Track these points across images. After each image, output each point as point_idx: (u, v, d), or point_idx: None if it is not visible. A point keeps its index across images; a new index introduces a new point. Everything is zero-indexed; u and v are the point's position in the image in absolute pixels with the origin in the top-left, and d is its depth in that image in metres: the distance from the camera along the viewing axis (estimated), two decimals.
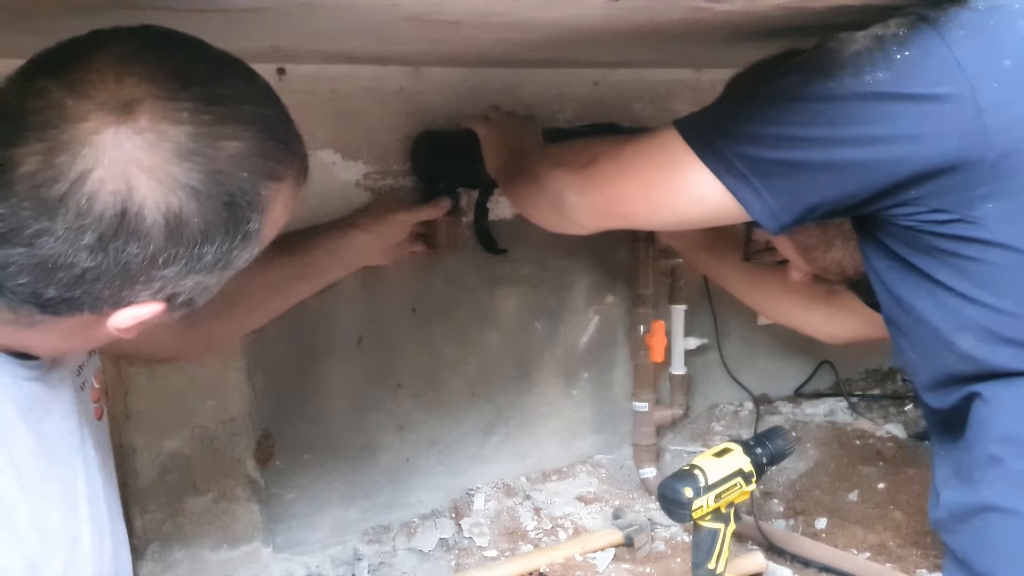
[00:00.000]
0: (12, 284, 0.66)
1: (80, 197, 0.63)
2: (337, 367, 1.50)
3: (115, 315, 0.70)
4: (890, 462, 1.72)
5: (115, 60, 0.65)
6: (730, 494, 1.18)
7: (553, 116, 1.64)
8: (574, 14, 0.95)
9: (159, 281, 0.68)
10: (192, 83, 0.66)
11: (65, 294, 0.67)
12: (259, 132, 0.69)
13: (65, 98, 0.63)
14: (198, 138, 0.65)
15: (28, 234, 0.63)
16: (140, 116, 0.64)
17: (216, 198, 0.67)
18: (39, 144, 0.62)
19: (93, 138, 0.63)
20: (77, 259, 0.64)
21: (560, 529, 1.57)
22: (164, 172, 0.64)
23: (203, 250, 0.68)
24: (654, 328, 1.70)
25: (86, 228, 0.63)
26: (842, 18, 1.03)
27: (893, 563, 1.42)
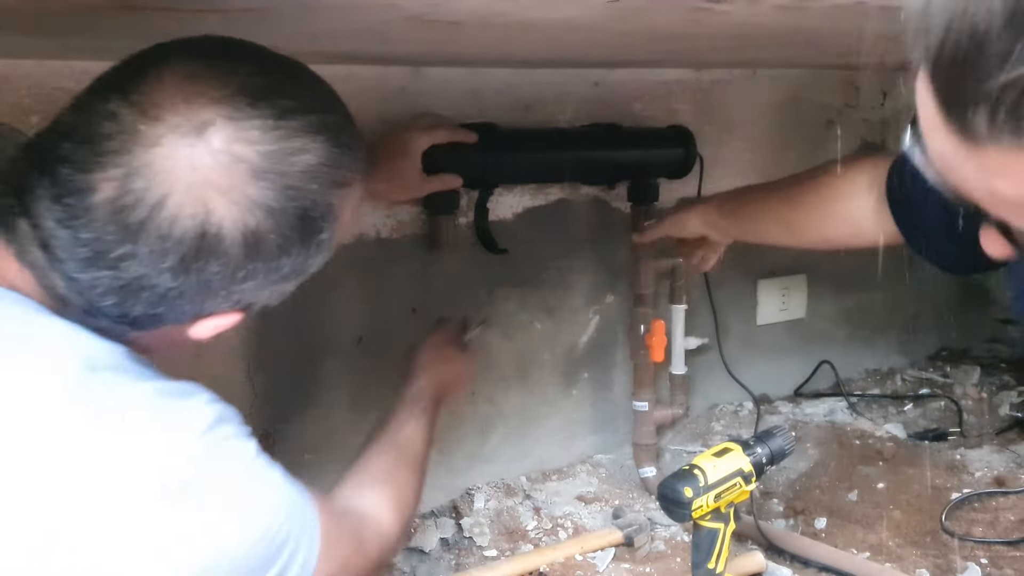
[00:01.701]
0: (101, 304, 0.68)
1: (161, 222, 0.64)
2: (337, 367, 1.50)
3: (196, 325, 0.73)
4: (890, 462, 1.72)
5: (183, 80, 0.66)
6: (730, 494, 1.18)
7: (553, 116, 1.64)
8: (574, 14, 0.95)
9: (238, 294, 0.71)
10: (260, 99, 0.67)
11: (150, 311, 0.69)
12: (326, 142, 0.70)
13: (137, 122, 0.64)
14: (270, 156, 0.66)
15: (112, 258, 0.65)
16: (213, 138, 0.65)
17: (290, 213, 0.68)
18: (116, 170, 0.64)
19: (168, 163, 0.64)
20: (160, 280, 0.67)
21: (560, 529, 1.57)
22: (240, 193, 0.66)
23: (280, 263, 0.70)
24: (654, 328, 1.69)
25: (168, 251, 0.65)
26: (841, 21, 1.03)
27: (893, 563, 1.42)
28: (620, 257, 1.76)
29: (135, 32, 0.98)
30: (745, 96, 1.89)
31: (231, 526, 0.70)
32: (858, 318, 2.19)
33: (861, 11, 0.96)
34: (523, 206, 1.65)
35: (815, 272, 2.09)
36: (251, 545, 0.71)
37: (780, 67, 1.92)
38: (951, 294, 2.38)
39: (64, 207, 0.65)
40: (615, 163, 1.66)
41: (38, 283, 0.69)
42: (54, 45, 1.12)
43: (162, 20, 0.89)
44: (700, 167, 1.70)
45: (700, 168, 1.70)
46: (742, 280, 1.98)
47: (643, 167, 1.68)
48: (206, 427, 0.69)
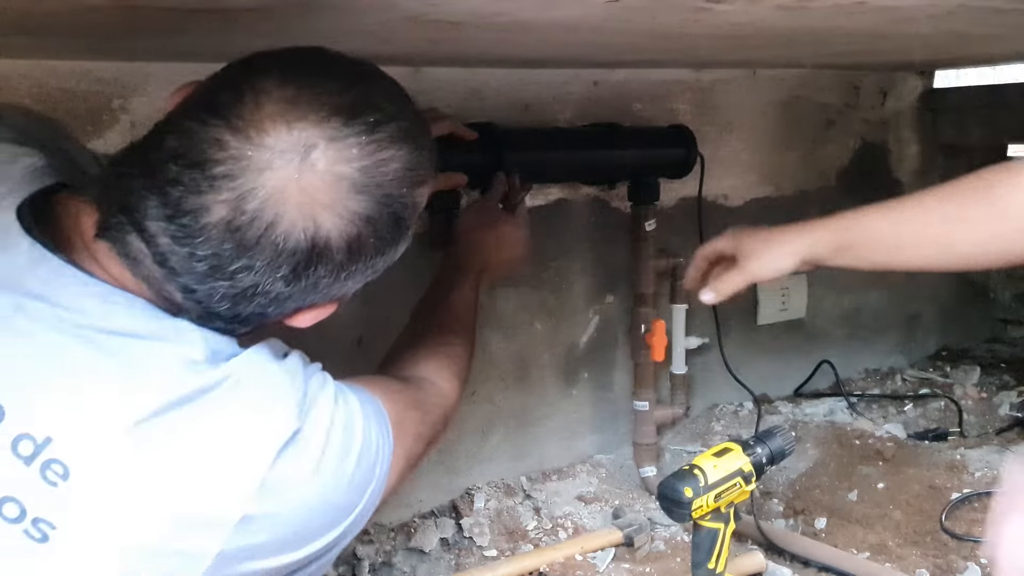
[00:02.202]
0: (217, 309, 0.75)
1: (275, 238, 0.71)
2: (337, 367, 1.49)
3: (297, 317, 0.81)
4: (890, 462, 1.72)
5: (282, 105, 0.71)
6: (730, 494, 1.18)
7: (553, 116, 1.64)
8: (574, 14, 0.95)
9: (340, 289, 0.79)
10: (352, 117, 0.72)
11: (260, 311, 0.76)
12: (407, 146, 0.76)
13: (245, 149, 0.69)
14: (367, 171, 0.73)
15: (230, 271, 0.72)
16: (317, 160, 0.71)
17: (386, 218, 0.75)
18: (228, 193, 0.69)
19: (279, 185, 0.70)
20: (274, 287, 0.74)
21: (560, 529, 1.57)
22: (343, 207, 0.72)
23: (376, 261, 0.78)
24: (655, 327, 1.69)
25: (282, 263, 0.72)
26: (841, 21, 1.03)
27: (892, 563, 1.42)
28: (620, 257, 1.76)
29: (135, 32, 0.98)
30: (745, 96, 1.89)
31: (345, 462, 0.81)
32: (858, 318, 2.19)
33: (861, 11, 0.96)
34: None
35: (815, 272, 2.08)
36: (363, 469, 0.83)
37: (780, 67, 1.92)
38: (951, 294, 2.38)
39: (179, 227, 0.71)
40: (615, 163, 1.66)
41: (154, 294, 0.75)
42: (55, 45, 1.12)
43: (163, 20, 0.89)
44: (701, 167, 1.70)
45: (701, 168, 1.70)
46: None
47: (643, 167, 1.68)
48: (305, 390, 0.80)
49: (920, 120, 2.22)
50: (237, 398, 0.75)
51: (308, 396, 0.79)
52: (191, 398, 0.72)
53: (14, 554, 0.68)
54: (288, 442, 0.76)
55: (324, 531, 0.81)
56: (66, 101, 1.24)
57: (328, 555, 0.84)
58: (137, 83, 1.29)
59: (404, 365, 1.06)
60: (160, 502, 0.71)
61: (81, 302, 0.72)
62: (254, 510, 0.73)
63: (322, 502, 0.79)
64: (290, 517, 0.77)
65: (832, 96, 2.05)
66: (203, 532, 0.72)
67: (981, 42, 1.41)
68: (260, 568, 0.76)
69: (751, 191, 1.95)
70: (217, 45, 1.13)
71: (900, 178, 2.22)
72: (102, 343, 0.71)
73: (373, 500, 0.87)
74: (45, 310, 0.71)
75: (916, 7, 0.97)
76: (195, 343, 0.75)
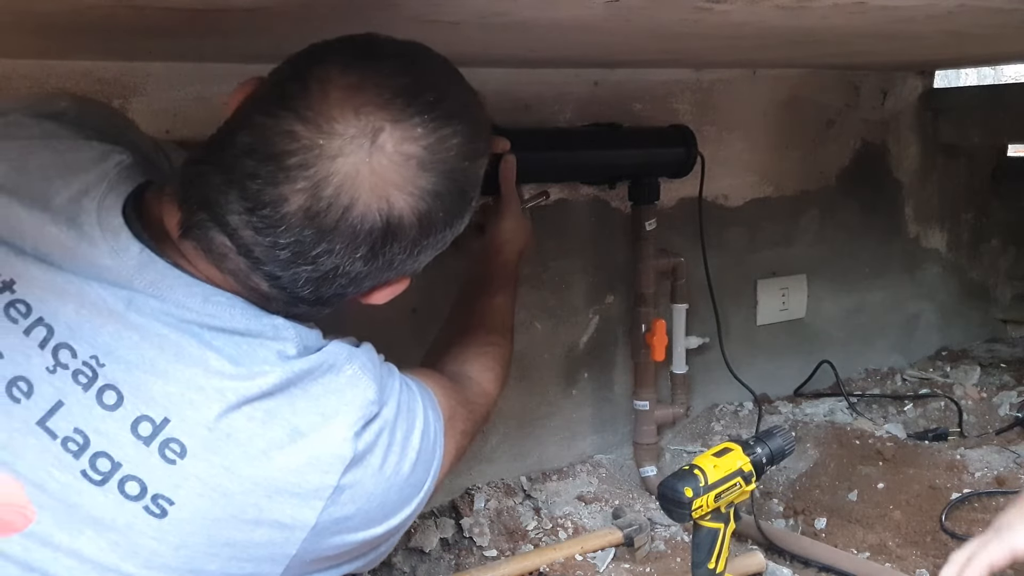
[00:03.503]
0: (302, 294, 0.79)
1: (352, 220, 0.74)
2: None
3: (374, 294, 0.85)
4: (890, 462, 1.72)
5: (347, 92, 0.74)
6: (730, 494, 1.18)
7: (553, 116, 1.64)
8: (574, 14, 0.95)
9: (412, 264, 0.83)
10: (413, 98, 0.75)
11: (341, 291, 0.80)
12: (465, 120, 0.79)
13: (316, 138, 0.72)
14: (432, 149, 0.75)
15: (312, 256, 0.75)
16: (385, 142, 0.73)
17: (453, 192, 0.78)
18: (304, 182, 0.72)
19: (351, 170, 0.73)
20: (353, 267, 0.77)
21: (560, 529, 1.57)
22: (414, 185, 0.75)
23: (445, 234, 0.82)
24: (655, 327, 1.70)
25: (360, 244, 0.75)
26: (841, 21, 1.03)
27: (893, 563, 1.42)
28: (620, 257, 1.76)
29: (135, 32, 0.98)
30: (745, 96, 1.89)
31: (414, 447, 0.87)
32: (858, 318, 2.19)
33: (861, 11, 0.96)
34: None
35: (815, 272, 2.09)
36: (426, 451, 0.88)
37: (780, 67, 1.92)
38: (951, 294, 2.38)
39: (260, 218, 0.73)
40: (616, 163, 1.66)
41: (241, 286, 0.78)
42: (55, 45, 1.12)
43: (162, 20, 0.89)
44: (702, 167, 1.70)
45: (702, 168, 1.70)
46: (741, 280, 1.98)
47: (644, 167, 1.68)
48: (381, 374, 0.86)
49: (920, 120, 2.22)
50: (328, 383, 0.81)
51: (384, 380, 0.86)
52: (289, 383, 0.78)
53: (135, 530, 0.73)
54: (371, 419, 0.82)
55: (402, 506, 0.87)
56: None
57: (398, 534, 0.90)
58: (137, 83, 1.29)
59: (452, 361, 1.10)
60: (262, 474, 0.76)
61: (186, 301, 0.76)
62: (346, 480, 0.80)
63: (399, 476, 0.85)
64: (374, 490, 0.83)
65: (832, 96, 2.05)
66: (301, 503, 0.78)
67: (981, 42, 1.41)
68: (348, 542, 0.83)
69: (751, 191, 1.95)
70: (217, 45, 1.13)
71: (900, 178, 2.22)
72: (207, 337, 0.76)
73: (434, 482, 0.91)
74: (155, 305, 0.76)
75: (915, 7, 0.97)
76: (289, 339, 0.80)
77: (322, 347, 0.83)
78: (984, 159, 2.37)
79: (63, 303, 0.75)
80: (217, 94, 1.33)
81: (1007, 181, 2.38)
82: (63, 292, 0.75)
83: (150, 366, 0.75)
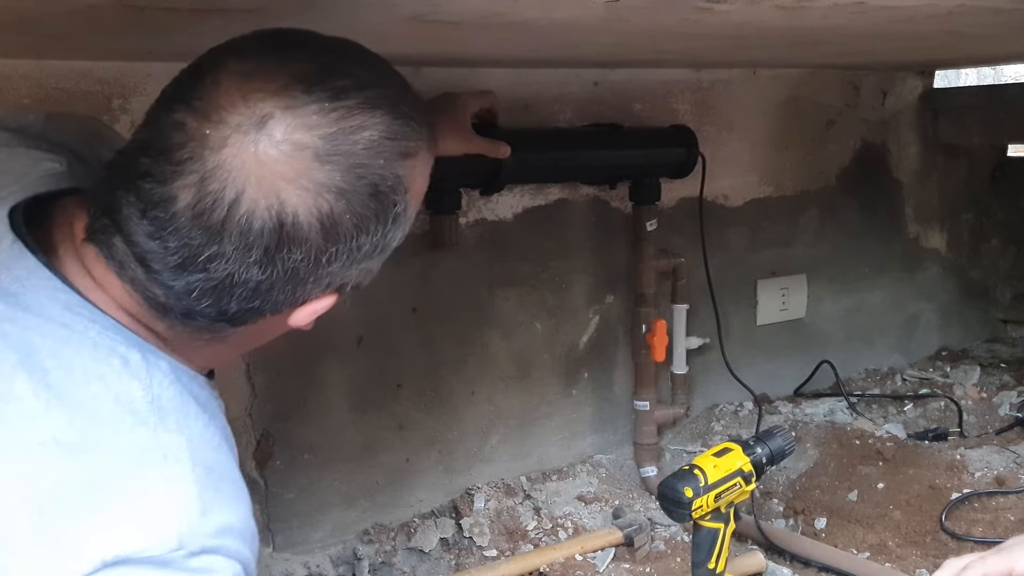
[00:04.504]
0: (199, 307, 0.71)
1: (239, 218, 0.67)
2: (337, 367, 1.50)
3: (294, 314, 0.76)
4: (890, 462, 1.72)
5: (238, 78, 0.68)
6: (730, 494, 1.18)
7: (553, 116, 1.64)
8: (574, 14, 0.95)
9: (327, 277, 0.73)
10: (313, 85, 0.68)
11: (246, 305, 0.72)
12: (385, 115, 0.71)
13: (203, 127, 0.67)
14: (331, 139, 0.68)
15: (201, 260, 0.68)
16: (274, 130, 0.67)
17: (361, 191, 0.70)
18: (191, 176, 0.66)
19: (236, 162, 0.66)
20: (250, 274, 0.69)
21: (560, 529, 1.57)
22: (308, 179, 0.68)
23: (360, 242, 0.72)
24: (656, 327, 1.70)
25: (251, 245, 0.68)
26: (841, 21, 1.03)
27: (892, 563, 1.42)
28: (620, 257, 1.76)
29: (136, 32, 0.98)
30: (745, 96, 1.89)
31: None
32: (858, 318, 2.19)
33: (860, 11, 0.96)
34: (523, 206, 1.65)
35: (815, 272, 2.09)
36: None
37: (780, 67, 1.92)
38: (951, 294, 2.38)
39: (151, 220, 0.68)
40: (617, 163, 1.66)
41: (140, 296, 0.72)
42: (55, 45, 1.12)
43: (163, 19, 0.89)
44: (702, 167, 1.70)
45: (702, 168, 1.70)
46: (742, 280, 1.98)
47: (645, 167, 1.68)
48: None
49: (920, 120, 2.22)
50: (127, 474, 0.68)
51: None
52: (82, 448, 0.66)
53: None
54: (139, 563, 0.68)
55: None
56: (66, 101, 1.24)
57: None
58: (137, 83, 1.29)
59: None
60: None
61: (46, 306, 0.70)
62: None
63: None
64: None
65: (832, 96, 2.05)
66: None
67: (981, 42, 1.41)
68: None
69: (751, 191, 1.95)
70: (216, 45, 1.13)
71: (900, 178, 2.22)
72: (39, 359, 0.68)
73: None
74: (3, 311, 0.70)
75: (915, 7, 0.97)
76: (136, 388, 0.70)
77: (185, 415, 0.72)
78: (984, 159, 2.37)
79: None
80: None
81: (1007, 181, 2.38)
82: None
83: None
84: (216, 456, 0.74)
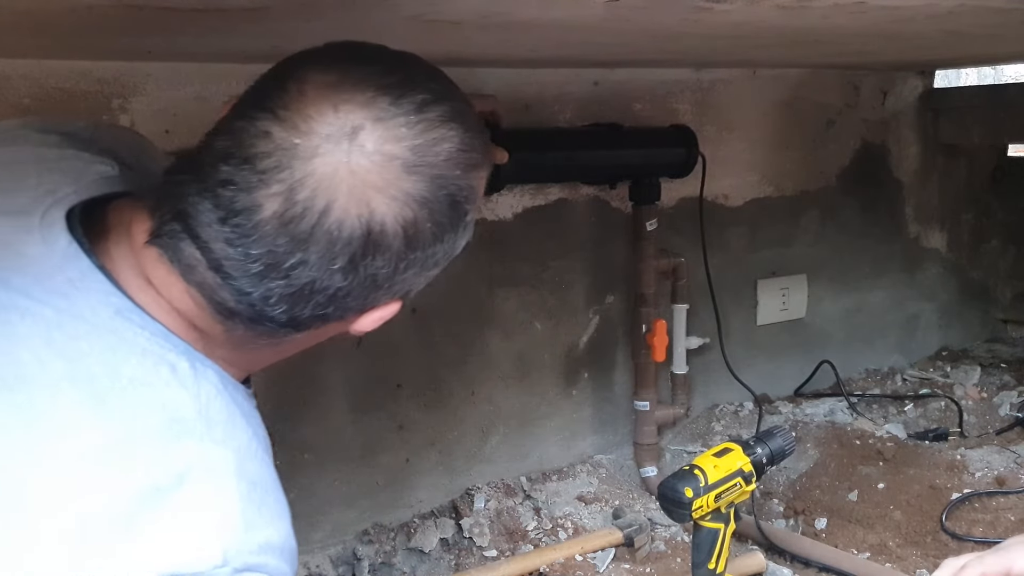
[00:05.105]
0: (273, 313, 0.71)
1: (329, 227, 0.68)
2: (337, 367, 1.50)
3: (360, 319, 0.76)
4: (890, 462, 1.72)
5: (326, 90, 0.69)
6: (730, 494, 1.18)
7: (553, 116, 1.64)
8: (574, 14, 0.95)
9: (400, 284, 0.74)
10: (399, 97, 0.70)
11: (319, 312, 0.72)
12: (458, 127, 0.73)
13: (292, 137, 0.67)
14: (417, 150, 0.70)
15: (285, 268, 0.69)
16: (366, 141, 0.68)
17: (442, 201, 0.72)
18: (278, 185, 0.67)
19: (327, 171, 0.67)
20: (331, 281, 0.70)
21: (560, 529, 1.57)
22: (397, 188, 0.69)
23: (434, 249, 0.74)
24: (656, 327, 1.69)
25: (337, 254, 0.69)
26: (841, 21, 1.03)
27: (893, 563, 1.42)
28: (620, 257, 1.76)
29: (135, 32, 0.98)
30: (745, 96, 1.89)
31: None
32: (858, 318, 2.19)
33: (861, 11, 0.96)
34: (523, 206, 1.65)
35: (815, 272, 2.09)
36: None
37: (780, 67, 1.92)
38: (951, 294, 2.38)
39: (232, 227, 0.68)
40: (616, 163, 1.66)
41: (206, 300, 0.72)
42: (55, 45, 1.12)
43: (163, 19, 0.89)
44: (703, 167, 1.70)
45: (703, 168, 1.70)
46: (742, 280, 1.97)
47: (645, 167, 1.68)
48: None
49: (920, 120, 2.21)
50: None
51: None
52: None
53: None
54: None
55: None
56: (66, 101, 1.24)
57: None
58: (137, 83, 1.29)
59: None
60: None
61: (96, 310, 0.70)
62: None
63: None
64: None
65: (832, 96, 2.05)
66: None
67: (981, 42, 1.41)
68: None
69: (751, 191, 1.95)
70: (217, 45, 1.13)
71: (900, 178, 2.22)
72: (86, 366, 0.68)
73: None
74: (49, 315, 0.69)
75: (915, 7, 0.97)
76: (184, 397, 0.70)
77: (232, 426, 0.73)
78: (984, 159, 2.37)
79: None
80: (216, 94, 1.33)
81: (1007, 181, 2.38)
82: None
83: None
84: (260, 469, 0.75)
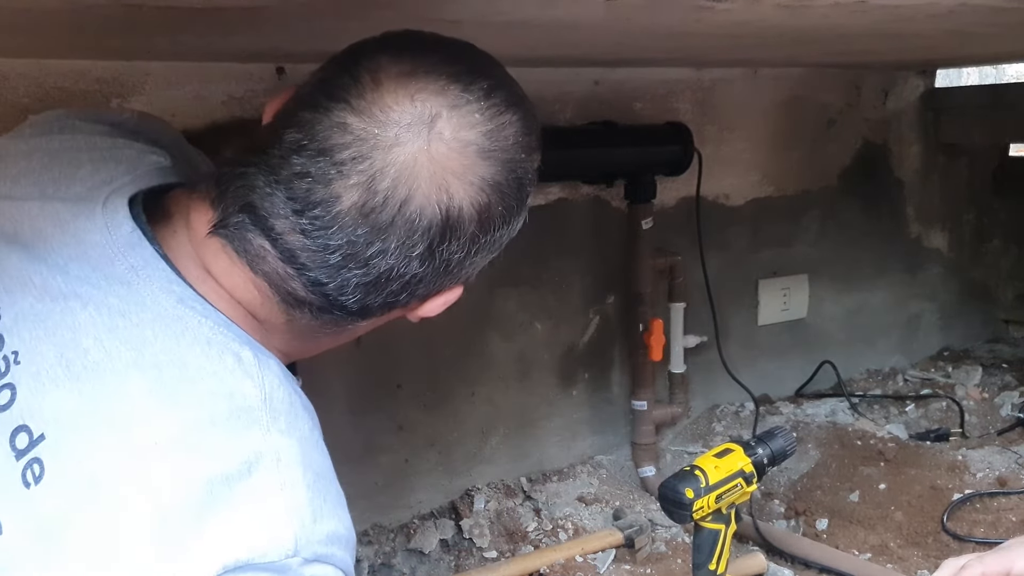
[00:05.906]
0: (347, 302, 0.72)
1: (411, 215, 0.68)
2: (337, 367, 1.50)
3: (424, 306, 0.77)
4: (891, 463, 1.72)
5: (400, 80, 0.69)
6: (731, 495, 1.18)
7: (553, 115, 1.64)
8: (574, 14, 0.95)
9: (468, 267, 0.76)
10: (468, 85, 0.71)
11: (391, 299, 0.73)
12: (519, 111, 0.74)
13: (372, 128, 0.67)
14: (490, 135, 0.71)
15: (364, 258, 0.69)
16: (444, 129, 0.69)
17: (512, 184, 0.73)
18: (358, 177, 0.67)
19: (408, 159, 0.68)
20: (408, 268, 0.71)
21: (560, 530, 1.57)
22: (473, 174, 0.70)
23: (501, 232, 0.75)
24: (653, 327, 1.69)
25: (417, 241, 0.70)
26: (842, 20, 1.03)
27: (894, 564, 1.42)
28: (620, 257, 1.75)
29: (135, 32, 0.98)
30: (746, 95, 1.89)
31: None
32: (859, 318, 2.19)
33: (862, 10, 0.96)
34: None
35: (817, 272, 2.09)
36: None
37: (781, 66, 1.92)
38: (953, 294, 2.37)
39: (311, 220, 0.68)
40: (610, 160, 1.66)
41: (273, 290, 0.72)
42: (54, 44, 1.11)
43: (163, 19, 0.89)
44: (699, 164, 1.69)
45: (699, 165, 1.70)
46: (743, 280, 1.97)
47: (639, 164, 1.67)
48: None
49: (921, 120, 2.21)
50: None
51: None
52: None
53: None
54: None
55: None
56: (65, 100, 1.23)
57: None
58: (136, 83, 1.29)
59: None
60: None
61: (159, 299, 0.70)
62: None
63: None
64: None
65: (833, 95, 2.04)
66: None
67: (982, 41, 1.41)
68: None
69: (752, 191, 1.95)
70: (216, 45, 1.13)
71: (901, 178, 2.21)
72: (152, 354, 0.68)
73: None
74: (113, 303, 0.69)
75: (916, 6, 0.96)
76: (249, 386, 0.69)
77: (295, 416, 0.72)
78: (986, 159, 2.36)
79: (24, 292, 0.69)
80: (215, 94, 1.33)
81: (1009, 181, 2.38)
82: (26, 282, 0.70)
83: (58, 372, 0.67)
84: (322, 460, 0.75)
